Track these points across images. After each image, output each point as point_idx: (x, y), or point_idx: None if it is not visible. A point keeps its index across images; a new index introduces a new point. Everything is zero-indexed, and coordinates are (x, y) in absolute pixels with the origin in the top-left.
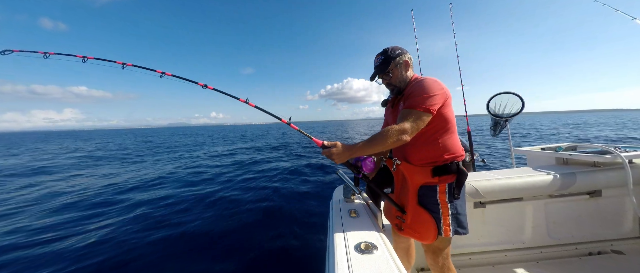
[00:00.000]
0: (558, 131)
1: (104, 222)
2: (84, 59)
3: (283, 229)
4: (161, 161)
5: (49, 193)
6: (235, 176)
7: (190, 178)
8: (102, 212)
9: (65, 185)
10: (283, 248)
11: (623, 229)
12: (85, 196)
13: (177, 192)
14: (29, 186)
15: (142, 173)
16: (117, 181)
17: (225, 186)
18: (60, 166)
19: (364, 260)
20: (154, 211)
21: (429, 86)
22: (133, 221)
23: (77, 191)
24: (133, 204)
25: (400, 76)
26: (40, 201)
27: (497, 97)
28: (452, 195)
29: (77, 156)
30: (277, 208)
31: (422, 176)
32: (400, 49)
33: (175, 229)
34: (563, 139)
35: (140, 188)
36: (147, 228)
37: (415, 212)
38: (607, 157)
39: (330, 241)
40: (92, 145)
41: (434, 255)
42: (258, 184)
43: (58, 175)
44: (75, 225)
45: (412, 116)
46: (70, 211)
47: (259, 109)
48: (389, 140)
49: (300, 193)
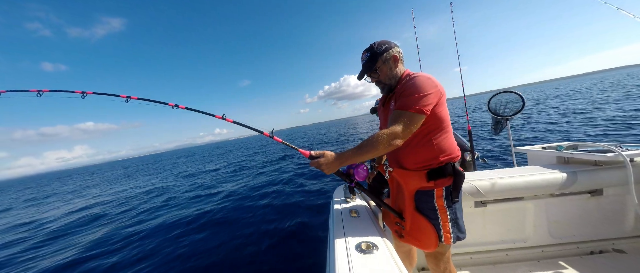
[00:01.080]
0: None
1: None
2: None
3: (283, 229)
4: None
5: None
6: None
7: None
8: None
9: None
10: (283, 248)
11: (624, 228)
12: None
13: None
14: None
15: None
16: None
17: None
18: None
19: (364, 260)
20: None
21: (422, 85)
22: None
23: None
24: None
25: (389, 72)
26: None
27: (497, 96)
28: (449, 199)
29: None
30: (277, 208)
31: (416, 181)
32: (387, 44)
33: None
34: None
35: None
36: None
37: (413, 219)
38: (609, 156)
39: (331, 241)
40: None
41: (436, 260)
42: (257, 186)
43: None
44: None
45: (403, 118)
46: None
47: (238, 124)
48: (379, 146)
49: (300, 193)
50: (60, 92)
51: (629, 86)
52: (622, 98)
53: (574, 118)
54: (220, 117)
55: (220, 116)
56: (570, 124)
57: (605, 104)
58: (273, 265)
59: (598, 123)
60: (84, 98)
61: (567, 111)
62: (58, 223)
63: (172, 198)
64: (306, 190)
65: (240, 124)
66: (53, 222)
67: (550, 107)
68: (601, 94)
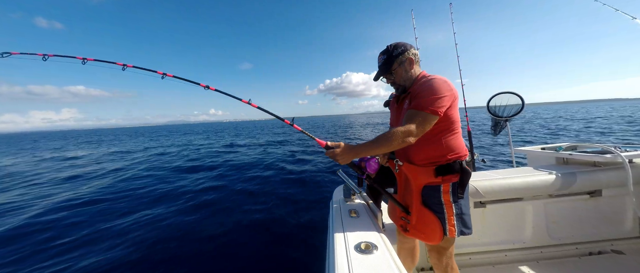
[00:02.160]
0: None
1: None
2: (84, 60)
3: (283, 228)
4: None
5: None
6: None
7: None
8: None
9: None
10: (283, 248)
11: (623, 229)
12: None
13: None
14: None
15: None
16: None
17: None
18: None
19: (364, 260)
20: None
21: (438, 87)
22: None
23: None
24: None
25: (404, 74)
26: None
27: (497, 97)
28: (456, 194)
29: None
30: (277, 209)
31: (425, 176)
32: (403, 46)
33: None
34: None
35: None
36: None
37: (419, 213)
38: (608, 157)
39: (331, 241)
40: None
41: (439, 255)
42: (258, 181)
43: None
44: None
45: (418, 117)
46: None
47: (262, 110)
48: (394, 142)
49: (300, 191)
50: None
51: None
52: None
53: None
54: (247, 101)
55: (247, 101)
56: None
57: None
58: (273, 265)
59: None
60: (124, 70)
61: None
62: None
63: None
64: (306, 189)
65: (264, 110)
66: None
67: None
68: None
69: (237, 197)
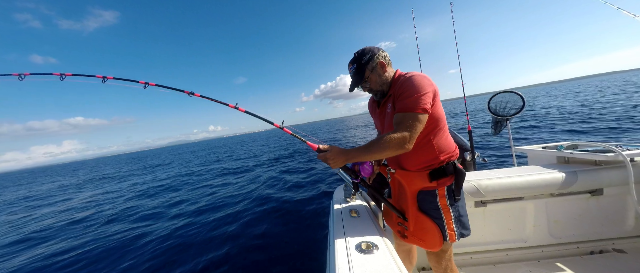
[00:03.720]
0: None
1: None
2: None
3: (282, 228)
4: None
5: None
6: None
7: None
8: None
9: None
10: (282, 247)
11: (625, 228)
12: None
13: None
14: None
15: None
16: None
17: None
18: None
19: (364, 260)
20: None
21: (420, 84)
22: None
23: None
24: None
25: (378, 79)
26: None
27: (497, 96)
28: (452, 197)
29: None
30: (278, 209)
31: (419, 181)
32: (370, 51)
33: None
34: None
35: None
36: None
37: (417, 219)
38: (609, 155)
39: (331, 241)
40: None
41: (438, 258)
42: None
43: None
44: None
45: (408, 120)
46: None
47: (250, 114)
48: (388, 149)
49: (299, 192)
50: (82, 76)
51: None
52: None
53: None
54: (233, 106)
55: (234, 105)
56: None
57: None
58: (272, 264)
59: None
60: (104, 83)
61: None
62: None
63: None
64: (305, 189)
65: (253, 115)
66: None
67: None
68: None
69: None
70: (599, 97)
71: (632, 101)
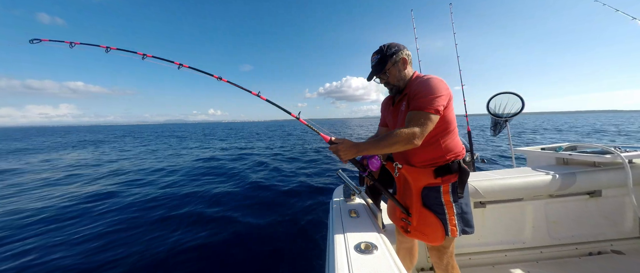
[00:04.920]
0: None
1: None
2: (107, 49)
3: (283, 228)
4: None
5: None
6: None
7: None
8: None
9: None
10: (283, 248)
11: (623, 229)
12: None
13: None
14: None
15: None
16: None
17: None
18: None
19: (364, 260)
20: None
21: (436, 86)
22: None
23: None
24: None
25: (398, 74)
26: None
27: (497, 97)
28: (456, 194)
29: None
30: (278, 207)
31: (424, 177)
32: (396, 46)
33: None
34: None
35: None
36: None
37: (420, 214)
38: (607, 157)
39: (330, 241)
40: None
41: (439, 254)
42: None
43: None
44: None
45: (420, 118)
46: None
47: (271, 103)
48: (398, 144)
49: (298, 192)
50: (125, 51)
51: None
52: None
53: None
54: (256, 94)
55: (256, 93)
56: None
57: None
58: (272, 265)
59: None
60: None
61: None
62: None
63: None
64: (305, 189)
65: (273, 104)
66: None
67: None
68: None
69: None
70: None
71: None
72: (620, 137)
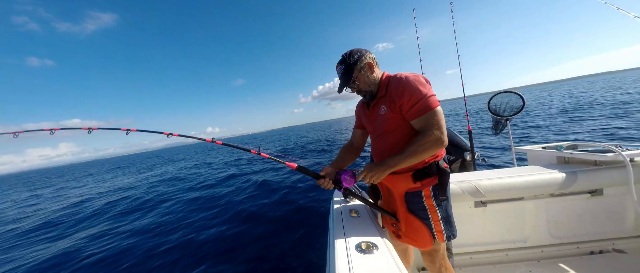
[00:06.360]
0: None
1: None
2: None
3: (282, 229)
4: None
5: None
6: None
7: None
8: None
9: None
10: (283, 248)
11: (624, 228)
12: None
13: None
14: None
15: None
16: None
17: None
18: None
19: (364, 260)
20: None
21: (421, 82)
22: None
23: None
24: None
25: (367, 80)
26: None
27: (497, 96)
28: (437, 197)
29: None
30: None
31: (403, 183)
32: (358, 52)
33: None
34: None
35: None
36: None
37: (407, 220)
38: (609, 156)
39: (331, 240)
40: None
41: (431, 257)
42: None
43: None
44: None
45: (433, 118)
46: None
47: (228, 145)
48: (427, 152)
49: (299, 192)
50: (109, 129)
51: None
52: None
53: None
54: (210, 140)
55: (210, 140)
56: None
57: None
58: (272, 265)
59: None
60: (127, 134)
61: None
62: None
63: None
64: (305, 189)
65: (230, 145)
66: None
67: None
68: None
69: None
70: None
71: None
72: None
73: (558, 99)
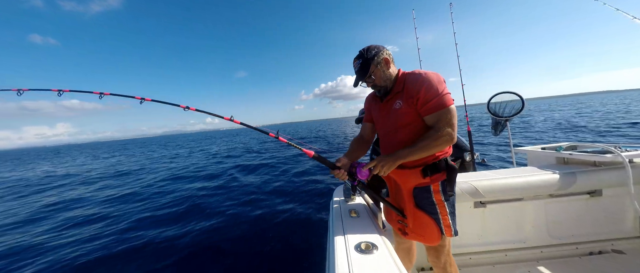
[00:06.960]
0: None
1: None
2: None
3: (283, 229)
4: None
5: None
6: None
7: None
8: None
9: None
10: (283, 248)
11: (623, 228)
12: None
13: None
14: None
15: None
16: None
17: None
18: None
19: (364, 260)
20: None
21: (438, 79)
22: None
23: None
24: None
25: (383, 75)
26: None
27: (497, 97)
28: (446, 193)
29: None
30: (278, 207)
31: (413, 178)
32: (376, 48)
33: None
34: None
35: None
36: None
37: (415, 215)
38: (608, 156)
39: (331, 241)
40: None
41: (437, 253)
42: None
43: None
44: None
45: (447, 115)
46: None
47: (245, 125)
48: (438, 146)
49: (299, 192)
50: (121, 96)
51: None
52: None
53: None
54: (228, 118)
55: (229, 118)
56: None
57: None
58: (272, 265)
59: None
60: (141, 104)
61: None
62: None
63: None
64: (305, 189)
65: (247, 126)
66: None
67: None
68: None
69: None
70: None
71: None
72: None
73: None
